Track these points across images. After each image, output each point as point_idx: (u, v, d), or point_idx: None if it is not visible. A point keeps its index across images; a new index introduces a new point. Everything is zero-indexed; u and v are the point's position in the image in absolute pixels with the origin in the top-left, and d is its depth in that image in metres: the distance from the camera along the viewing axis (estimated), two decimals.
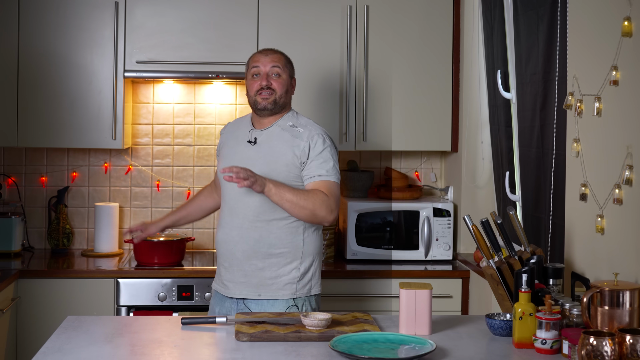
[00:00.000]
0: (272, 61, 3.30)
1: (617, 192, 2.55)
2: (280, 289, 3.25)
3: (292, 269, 3.26)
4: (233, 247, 3.28)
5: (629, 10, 2.50)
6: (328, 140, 3.29)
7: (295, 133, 3.27)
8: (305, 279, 3.27)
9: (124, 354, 2.48)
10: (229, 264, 3.30)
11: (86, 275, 3.98)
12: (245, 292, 3.26)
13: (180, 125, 4.57)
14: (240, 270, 3.27)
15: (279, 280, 3.25)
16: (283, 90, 3.29)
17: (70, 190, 4.52)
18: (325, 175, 3.22)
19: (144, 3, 4.20)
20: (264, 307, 3.24)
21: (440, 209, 4.25)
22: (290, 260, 3.26)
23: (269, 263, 3.25)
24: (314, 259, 3.30)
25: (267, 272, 3.25)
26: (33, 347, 3.75)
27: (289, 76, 3.34)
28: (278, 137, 3.28)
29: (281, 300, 3.24)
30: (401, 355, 2.41)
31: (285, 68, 3.32)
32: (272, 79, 3.29)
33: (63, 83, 4.16)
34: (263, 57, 3.31)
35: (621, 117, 2.57)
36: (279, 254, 3.25)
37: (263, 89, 3.27)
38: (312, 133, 3.27)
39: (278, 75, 3.29)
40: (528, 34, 3.48)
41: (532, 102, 3.46)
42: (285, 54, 3.39)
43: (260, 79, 3.29)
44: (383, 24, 4.27)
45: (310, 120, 3.39)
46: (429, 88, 4.31)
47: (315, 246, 3.30)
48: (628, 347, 2.16)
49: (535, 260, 2.69)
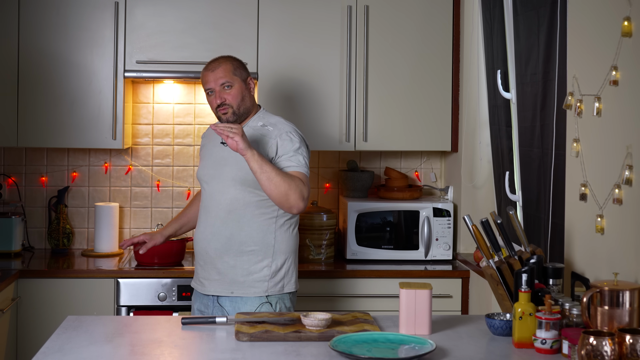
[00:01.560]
0: (219, 78, 3.32)
1: (617, 192, 2.55)
2: (252, 286, 3.28)
3: (263, 266, 3.29)
4: (206, 245, 3.34)
5: (629, 10, 2.50)
6: (297, 136, 3.32)
7: (265, 132, 3.33)
8: (278, 277, 3.30)
9: (124, 354, 2.48)
10: (203, 261, 3.37)
11: (86, 275, 3.98)
12: (219, 289, 3.32)
13: (180, 125, 4.57)
14: (213, 267, 3.33)
15: (250, 278, 3.29)
16: (238, 100, 3.34)
17: (70, 190, 4.52)
18: (296, 166, 3.25)
19: (144, 3, 4.20)
20: (237, 304, 3.28)
21: (440, 209, 4.25)
22: (262, 258, 3.29)
23: (241, 261, 3.29)
24: (287, 257, 3.33)
25: (238, 270, 3.29)
26: (33, 347, 3.75)
27: (241, 81, 3.35)
28: (249, 138, 3.31)
29: (253, 298, 3.28)
30: (401, 355, 2.41)
31: (235, 76, 3.34)
32: (224, 94, 3.32)
33: (63, 83, 4.16)
34: (210, 75, 3.34)
35: (621, 117, 2.57)
36: (250, 251, 3.28)
37: (220, 106, 3.33)
38: (281, 131, 3.32)
39: (230, 86, 3.32)
40: (528, 34, 3.49)
41: (532, 102, 3.46)
42: (233, 58, 3.40)
43: (214, 96, 3.34)
44: (383, 24, 4.27)
45: (281, 118, 3.42)
46: (429, 88, 4.31)
47: (288, 244, 3.33)
48: (628, 347, 2.16)
49: (535, 260, 2.69)
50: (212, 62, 3.40)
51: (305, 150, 3.32)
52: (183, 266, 4.07)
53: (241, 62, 3.43)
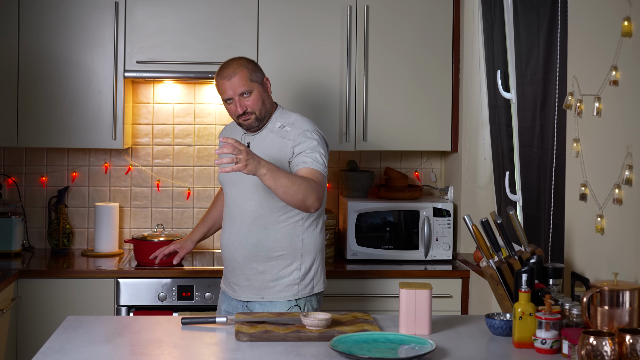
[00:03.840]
0: (237, 86, 3.20)
1: (617, 192, 2.55)
2: (282, 290, 3.26)
3: (292, 270, 3.27)
4: (234, 251, 3.31)
5: (629, 10, 2.50)
6: (315, 134, 3.24)
7: (284, 133, 3.26)
8: (307, 279, 3.29)
9: (124, 354, 2.48)
10: (232, 267, 3.34)
11: (86, 275, 3.98)
12: (249, 295, 3.29)
13: (180, 125, 4.57)
14: (242, 274, 3.30)
15: (280, 282, 3.26)
16: (260, 104, 3.24)
17: (70, 190, 4.52)
18: (312, 163, 3.15)
19: (144, 3, 4.20)
20: (267, 309, 3.26)
21: (440, 209, 4.25)
22: (291, 262, 3.27)
23: (269, 266, 3.26)
24: (315, 257, 3.30)
25: (268, 275, 3.26)
26: (33, 347, 3.75)
27: (260, 85, 3.25)
28: (269, 140, 3.28)
29: (283, 302, 3.26)
30: (401, 355, 2.41)
31: (252, 82, 3.23)
32: (244, 101, 3.21)
33: (63, 83, 4.16)
34: (227, 84, 3.21)
35: (621, 117, 2.57)
36: (279, 256, 3.26)
37: (241, 115, 3.23)
38: (299, 131, 3.24)
39: (249, 93, 3.21)
40: (528, 34, 3.49)
41: (532, 102, 3.46)
42: (246, 62, 3.27)
43: (234, 105, 3.23)
44: (383, 24, 4.27)
45: (298, 116, 3.34)
46: (429, 88, 4.31)
47: (315, 245, 3.30)
48: (628, 347, 2.16)
49: (535, 260, 2.69)
50: (226, 68, 3.25)
51: (323, 147, 3.23)
52: (183, 266, 4.07)
53: (255, 63, 3.30)
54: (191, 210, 4.57)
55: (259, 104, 3.24)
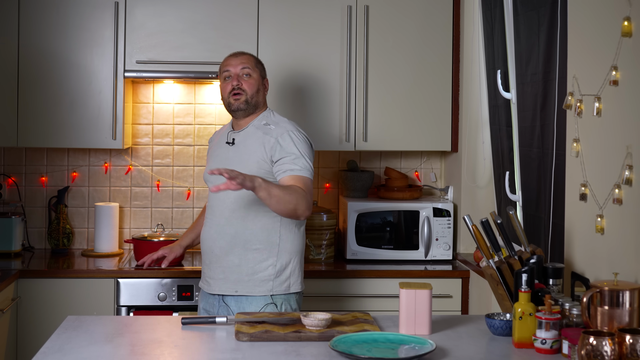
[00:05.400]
0: (242, 63, 3.38)
1: (617, 192, 2.55)
2: (257, 285, 3.28)
3: (268, 265, 3.29)
4: (212, 243, 3.35)
5: (629, 10, 2.50)
6: (299, 136, 3.30)
7: (267, 130, 3.33)
8: (283, 276, 3.30)
9: (124, 354, 2.48)
10: (209, 260, 3.38)
11: (86, 275, 3.98)
12: (223, 288, 3.32)
13: (180, 125, 4.57)
14: (219, 266, 3.33)
15: (255, 277, 3.29)
16: (254, 90, 3.37)
17: (70, 190, 4.52)
18: (299, 170, 3.22)
19: (144, 3, 4.20)
20: (242, 303, 3.28)
21: (440, 209, 4.25)
22: (267, 257, 3.29)
23: (246, 259, 3.29)
24: (292, 257, 3.33)
25: (243, 268, 3.29)
26: (33, 347, 3.75)
27: (259, 76, 3.41)
28: (252, 136, 3.33)
29: (259, 297, 3.28)
30: (401, 355, 2.41)
31: (256, 68, 3.41)
32: (242, 80, 3.37)
33: (63, 83, 4.17)
34: (233, 60, 3.41)
35: (621, 117, 2.57)
36: (255, 249, 3.29)
37: (234, 90, 3.34)
38: (282, 130, 3.31)
39: (249, 75, 3.37)
40: (528, 34, 3.49)
41: (532, 102, 3.46)
42: (256, 56, 3.48)
43: (231, 80, 3.37)
44: (383, 24, 4.27)
45: (285, 118, 3.43)
46: (429, 88, 4.31)
47: (293, 244, 3.33)
48: (628, 347, 2.16)
49: (535, 260, 2.69)
50: (236, 51, 3.48)
51: (308, 150, 3.30)
52: (183, 266, 4.07)
53: (263, 64, 3.49)
54: (191, 210, 4.57)
55: (254, 90, 3.37)
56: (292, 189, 3.15)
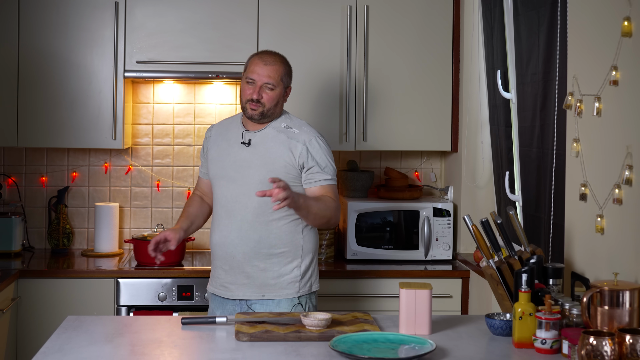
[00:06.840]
0: (268, 76, 3.25)
1: (617, 192, 2.55)
2: (284, 288, 3.27)
3: (293, 267, 3.28)
4: (232, 249, 3.27)
5: (629, 10, 2.50)
6: (323, 142, 3.32)
7: (291, 134, 3.29)
8: (307, 277, 3.30)
9: (124, 354, 2.48)
10: (229, 266, 3.30)
11: (86, 275, 3.98)
12: (248, 293, 3.27)
13: (180, 125, 4.57)
14: (241, 272, 3.28)
15: (281, 280, 3.26)
16: (272, 104, 3.27)
17: (70, 190, 4.52)
18: (330, 180, 3.28)
19: (144, 3, 4.20)
20: (269, 307, 3.26)
21: (440, 209, 4.25)
22: (291, 259, 3.27)
23: (271, 263, 3.26)
24: (313, 256, 3.34)
25: (269, 273, 3.26)
26: (33, 347, 3.75)
27: (282, 88, 3.31)
28: (273, 139, 3.28)
29: (285, 300, 3.26)
30: (401, 355, 2.41)
31: (281, 82, 3.29)
32: (263, 92, 3.25)
33: (63, 83, 4.17)
34: (261, 68, 3.26)
35: (621, 117, 2.57)
36: (280, 253, 3.26)
37: (252, 101, 3.25)
38: (310, 136, 3.29)
39: (271, 89, 3.26)
40: (528, 34, 3.49)
41: (532, 102, 3.46)
42: (286, 63, 3.35)
43: (253, 88, 3.26)
44: (383, 24, 4.27)
45: (303, 121, 3.41)
46: (429, 88, 4.31)
47: (313, 243, 3.33)
48: (628, 347, 2.17)
49: (535, 260, 2.69)
50: (269, 54, 3.32)
51: (331, 154, 3.33)
52: (183, 266, 4.07)
53: (291, 69, 3.37)
54: None
55: (273, 104, 3.28)
56: (324, 201, 3.21)
